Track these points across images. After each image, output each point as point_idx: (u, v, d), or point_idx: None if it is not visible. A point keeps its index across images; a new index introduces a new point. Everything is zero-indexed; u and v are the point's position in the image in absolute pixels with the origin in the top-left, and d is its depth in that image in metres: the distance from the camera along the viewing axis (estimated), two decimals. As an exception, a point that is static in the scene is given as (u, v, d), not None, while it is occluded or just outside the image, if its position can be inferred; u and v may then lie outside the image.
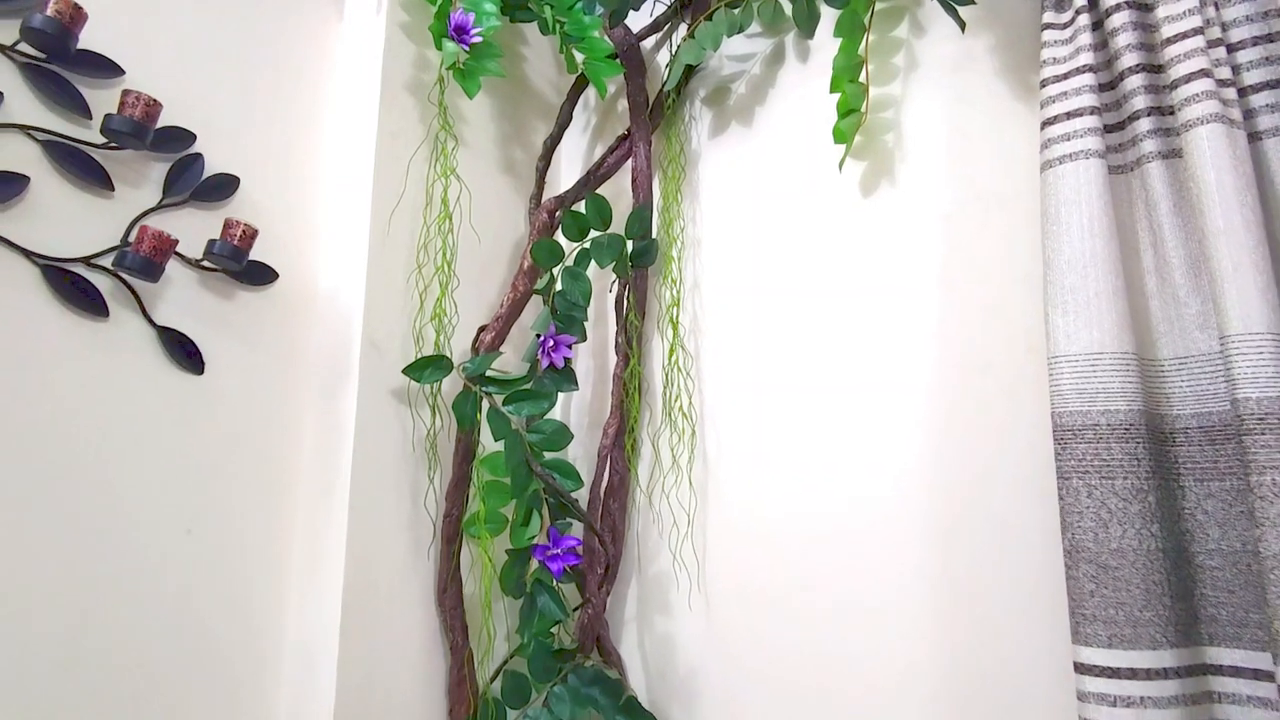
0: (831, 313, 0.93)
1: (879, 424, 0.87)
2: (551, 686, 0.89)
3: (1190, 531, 0.67)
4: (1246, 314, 0.61)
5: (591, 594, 0.95)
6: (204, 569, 0.77)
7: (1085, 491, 0.66)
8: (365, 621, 0.82)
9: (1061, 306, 0.69)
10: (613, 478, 1.00)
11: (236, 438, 0.81)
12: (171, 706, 0.73)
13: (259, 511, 0.82)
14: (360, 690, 0.81)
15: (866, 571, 0.85)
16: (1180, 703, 0.62)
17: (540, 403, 0.88)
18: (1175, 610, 0.64)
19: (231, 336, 0.82)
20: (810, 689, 0.86)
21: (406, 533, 0.88)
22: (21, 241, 0.68)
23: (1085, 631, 0.64)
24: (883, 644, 0.82)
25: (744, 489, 0.94)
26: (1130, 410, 0.66)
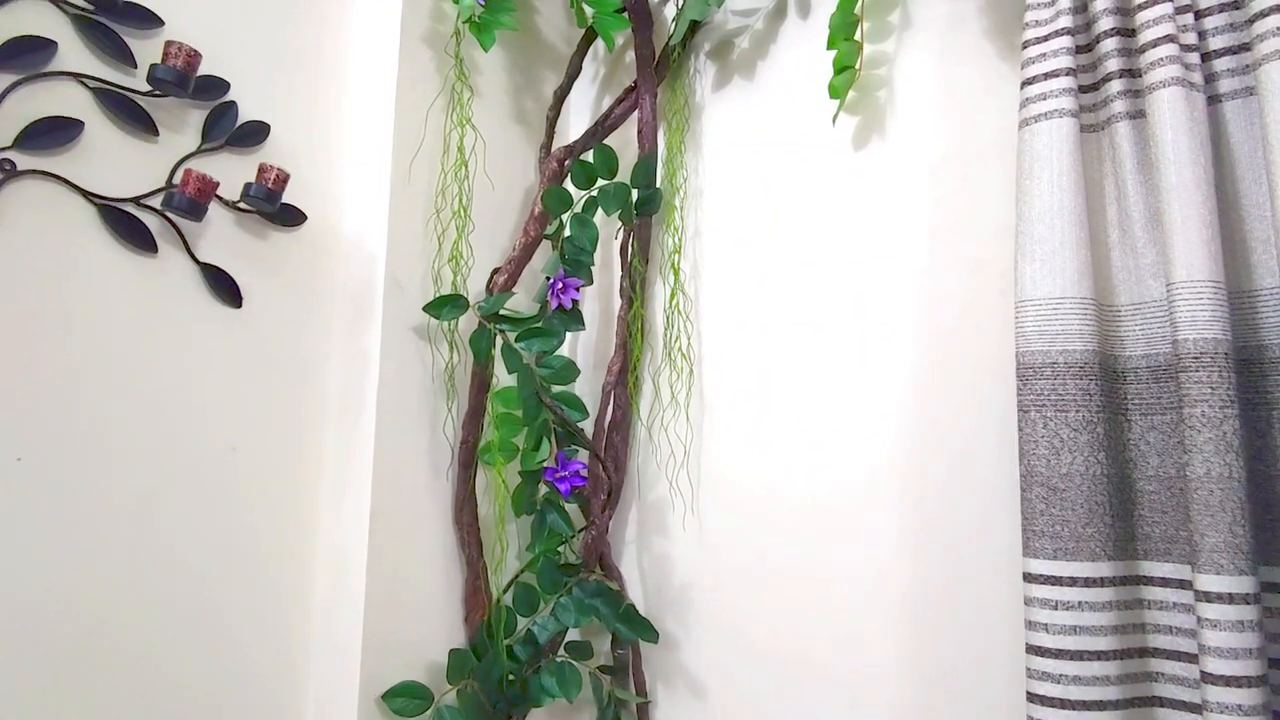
0: (824, 260, 0.99)
1: (866, 362, 0.94)
2: (558, 597, 0.99)
3: (1133, 460, 0.74)
4: (1190, 263, 0.67)
5: (595, 516, 1.04)
6: (246, 482, 0.86)
7: (1041, 423, 0.73)
8: (390, 535, 0.91)
9: (1029, 255, 0.75)
10: (616, 412, 1.08)
11: (272, 366, 0.88)
12: (219, 601, 0.83)
13: (294, 432, 0.90)
14: (387, 596, 0.90)
15: (845, 494, 0.93)
16: (1113, 607, 0.70)
17: (549, 340, 0.95)
18: (1114, 528, 0.72)
19: (266, 274, 0.89)
20: (791, 599, 0.95)
21: (427, 457, 0.96)
22: (79, 182, 0.74)
23: (1034, 545, 0.72)
24: (858, 558, 0.91)
25: (737, 424, 1.02)
26: (1085, 350, 0.73)
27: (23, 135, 0.70)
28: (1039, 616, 0.71)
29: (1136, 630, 0.72)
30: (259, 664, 0.86)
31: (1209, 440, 0.65)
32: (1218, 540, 0.64)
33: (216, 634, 0.82)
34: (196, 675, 0.80)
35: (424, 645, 0.94)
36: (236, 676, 0.84)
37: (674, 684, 1.02)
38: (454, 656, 0.91)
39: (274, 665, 0.87)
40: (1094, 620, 0.70)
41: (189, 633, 0.80)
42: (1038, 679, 0.70)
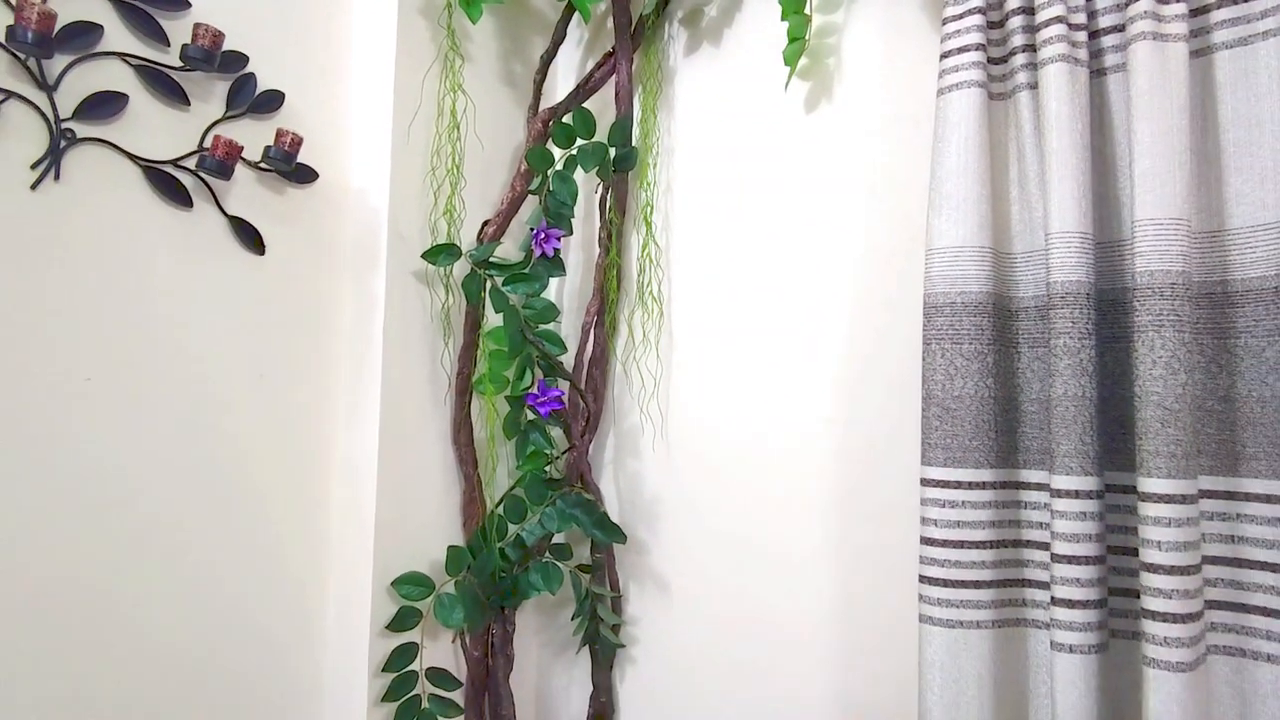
0: (779, 213, 1.11)
1: (811, 304, 1.07)
2: (544, 508, 1.14)
3: (1019, 385, 0.87)
4: (1063, 216, 0.79)
5: (576, 440, 1.19)
6: (273, 405, 1.01)
7: (940, 353, 0.86)
8: (397, 452, 1.06)
9: (938, 209, 0.87)
10: (595, 349, 1.22)
11: (292, 306, 1.03)
12: (253, 502, 0.99)
13: (313, 363, 1.04)
14: (394, 504, 1.06)
15: (789, 417, 1.07)
16: (992, 506, 0.85)
17: (533, 284, 1.08)
18: (998, 441, 0.86)
19: (284, 225, 1.02)
20: (742, 506, 1.10)
21: (427, 385, 1.11)
22: (126, 147, 0.87)
23: (929, 455, 0.86)
24: (797, 470, 1.06)
25: (701, 359, 1.16)
26: (980, 292, 0.85)
27: (80, 107, 0.83)
28: (930, 513, 0.85)
29: (1012, 525, 0.86)
30: (288, 555, 1.02)
31: (1068, 366, 0.78)
32: (1069, 448, 0.77)
33: (250, 527, 0.98)
34: (233, 561, 0.97)
35: (427, 546, 1.10)
36: (267, 563, 1.00)
37: (643, 581, 1.19)
38: (452, 552, 1.08)
39: (300, 557, 1.03)
40: (974, 516, 0.84)
41: (227, 524, 0.96)
42: (927, 563, 0.85)
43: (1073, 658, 0.76)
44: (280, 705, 1.00)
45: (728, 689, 1.10)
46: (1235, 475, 0.76)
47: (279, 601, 1.01)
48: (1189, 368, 0.74)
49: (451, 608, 1.05)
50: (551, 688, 1.25)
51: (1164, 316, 0.72)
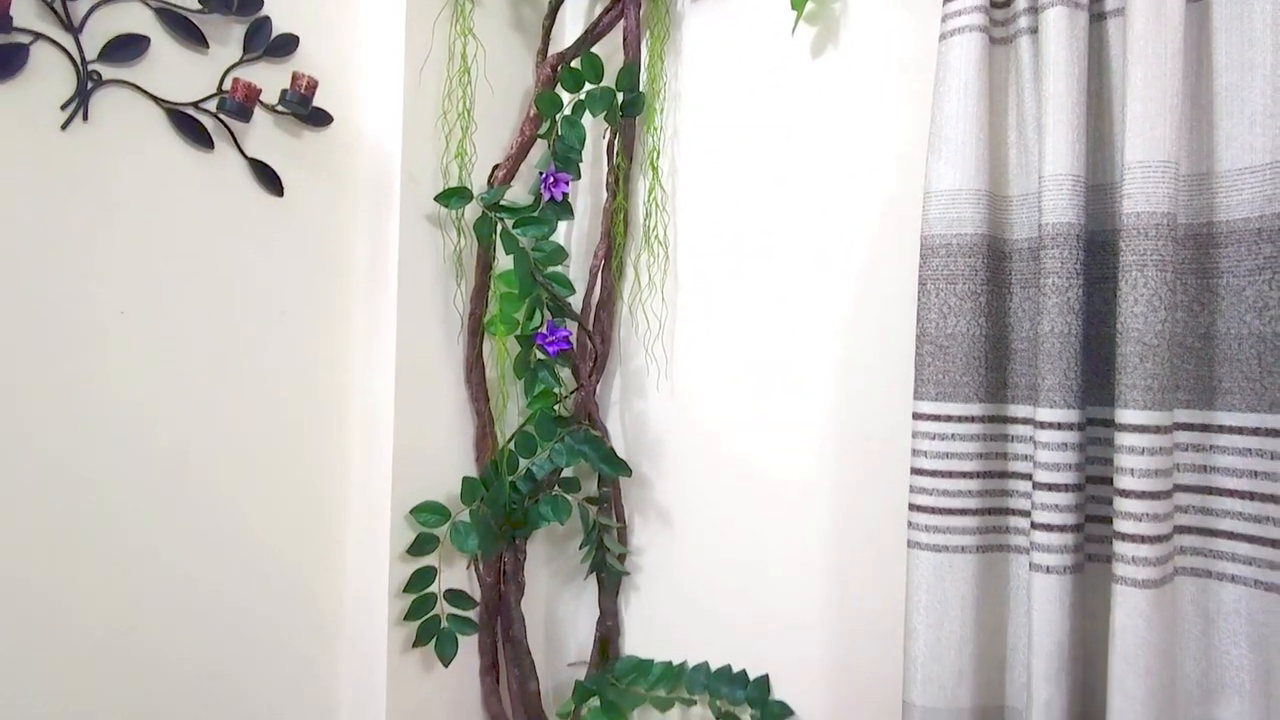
0: (784, 159, 1.13)
1: (813, 246, 1.11)
2: (553, 444, 1.19)
3: (1011, 324, 0.91)
4: (1057, 158, 0.81)
5: (584, 380, 1.23)
6: (294, 342, 1.05)
7: (934, 293, 0.89)
8: (412, 389, 1.11)
9: (937, 152, 0.90)
10: (602, 293, 1.25)
11: (310, 246, 1.06)
12: (277, 431, 1.04)
13: (331, 302, 1.09)
14: (411, 438, 1.11)
15: (791, 355, 1.11)
16: (980, 439, 0.89)
17: (542, 227, 1.11)
18: (987, 377, 0.89)
19: (301, 168, 1.05)
20: (743, 441, 1.15)
21: (441, 326, 1.15)
22: (149, 89, 0.90)
23: (921, 390, 0.90)
24: (799, 403, 1.11)
25: (704, 300, 1.20)
26: (975, 234, 0.88)
27: (105, 49, 0.86)
28: (921, 445, 0.89)
29: (998, 457, 0.91)
30: (310, 485, 1.08)
31: (1055, 304, 0.81)
32: (1054, 382, 0.81)
33: (274, 459, 1.03)
34: (256, 491, 1.02)
35: (442, 478, 1.15)
36: (289, 492, 1.06)
37: (647, 513, 1.24)
38: (466, 482, 1.13)
39: (323, 486, 1.09)
40: (963, 448, 0.88)
41: (253, 456, 1.01)
42: (916, 492, 0.89)
43: (1049, 578, 0.81)
44: (305, 627, 1.07)
45: (726, 613, 1.17)
46: (1210, 409, 0.80)
47: (302, 529, 1.07)
48: (1170, 306, 0.77)
49: (466, 535, 1.11)
50: (560, 613, 1.32)
51: (1147, 256, 0.76)
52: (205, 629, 0.97)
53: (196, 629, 0.96)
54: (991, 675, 0.90)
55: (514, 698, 1.20)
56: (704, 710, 1.17)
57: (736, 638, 1.16)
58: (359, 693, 1.10)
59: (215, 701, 0.98)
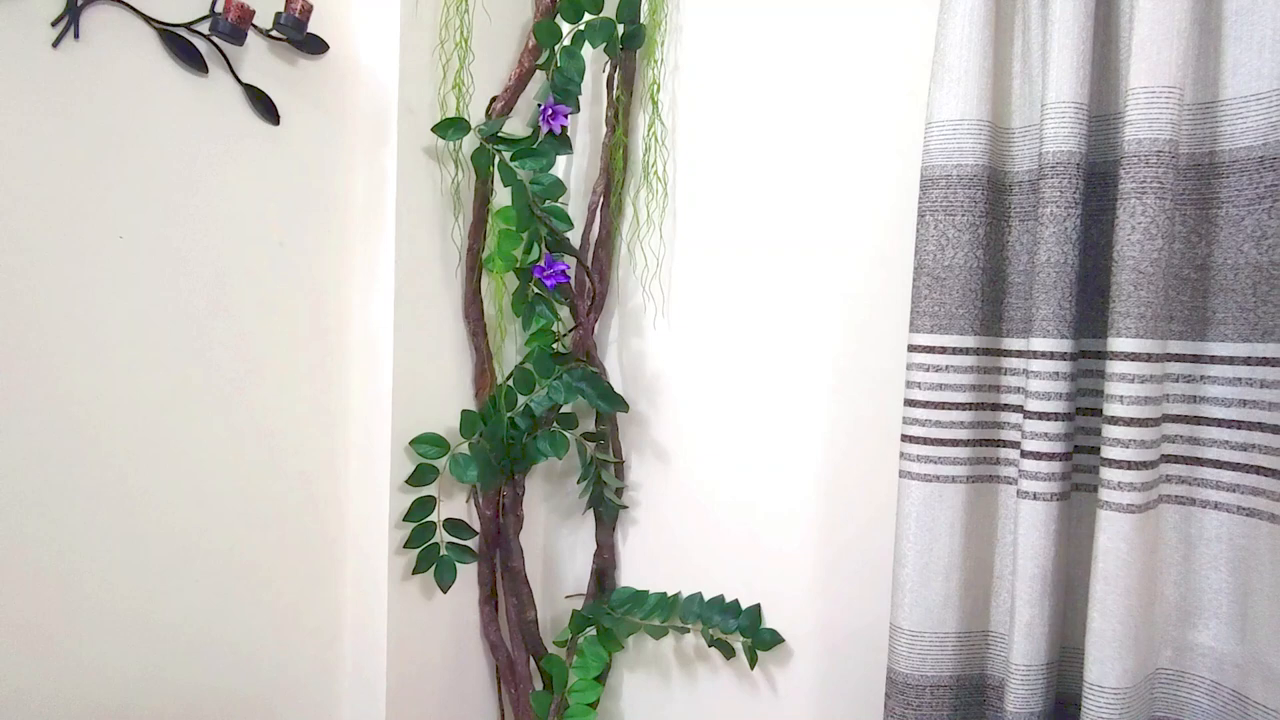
0: (785, 92, 1.12)
1: (813, 180, 1.10)
2: (551, 380, 1.20)
3: (1008, 257, 0.91)
4: (1060, 86, 0.80)
5: (582, 319, 1.24)
6: (293, 272, 1.05)
7: (933, 224, 0.89)
8: (411, 326, 1.11)
9: (939, 81, 0.89)
10: (600, 230, 1.25)
11: (307, 177, 1.05)
12: (276, 365, 1.05)
13: (330, 234, 1.08)
14: (410, 372, 1.12)
15: (790, 291, 1.12)
16: (974, 371, 0.90)
17: (540, 160, 1.10)
18: (983, 310, 0.90)
19: (297, 96, 1.04)
20: (739, 380, 1.16)
21: (439, 260, 1.15)
22: (141, 8, 0.88)
23: (917, 323, 0.90)
24: (796, 342, 1.11)
25: (703, 237, 1.19)
26: (976, 165, 0.88)
27: (94, -35, 0.84)
28: (915, 377, 0.90)
29: (990, 389, 0.91)
30: (313, 415, 1.09)
31: (1053, 234, 0.81)
32: (1048, 312, 0.81)
33: (275, 389, 1.04)
34: (257, 418, 1.04)
35: (441, 413, 1.16)
36: (290, 422, 1.07)
37: (643, 450, 1.26)
38: (465, 415, 1.14)
39: (324, 417, 1.10)
40: (956, 380, 0.89)
41: (254, 385, 1.02)
42: (909, 424, 0.91)
43: (1036, 504, 0.82)
44: (306, 555, 1.09)
45: (720, 547, 1.19)
46: (1203, 340, 0.81)
47: (301, 458, 1.08)
48: (1167, 235, 0.77)
49: (466, 466, 1.12)
50: (558, 547, 1.34)
51: (1147, 184, 0.75)
52: (209, 560, 0.99)
53: (201, 562, 0.98)
54: (977, 601, 0.92)
55: (512, 626, 1.23)
56: (697, 639, 1.21)
57: (729, 570, 1.18)
58: (361, 620, 1.13)
59: (219, 630, 1.01)
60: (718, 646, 1.13)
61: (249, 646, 1.03)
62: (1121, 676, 0.78)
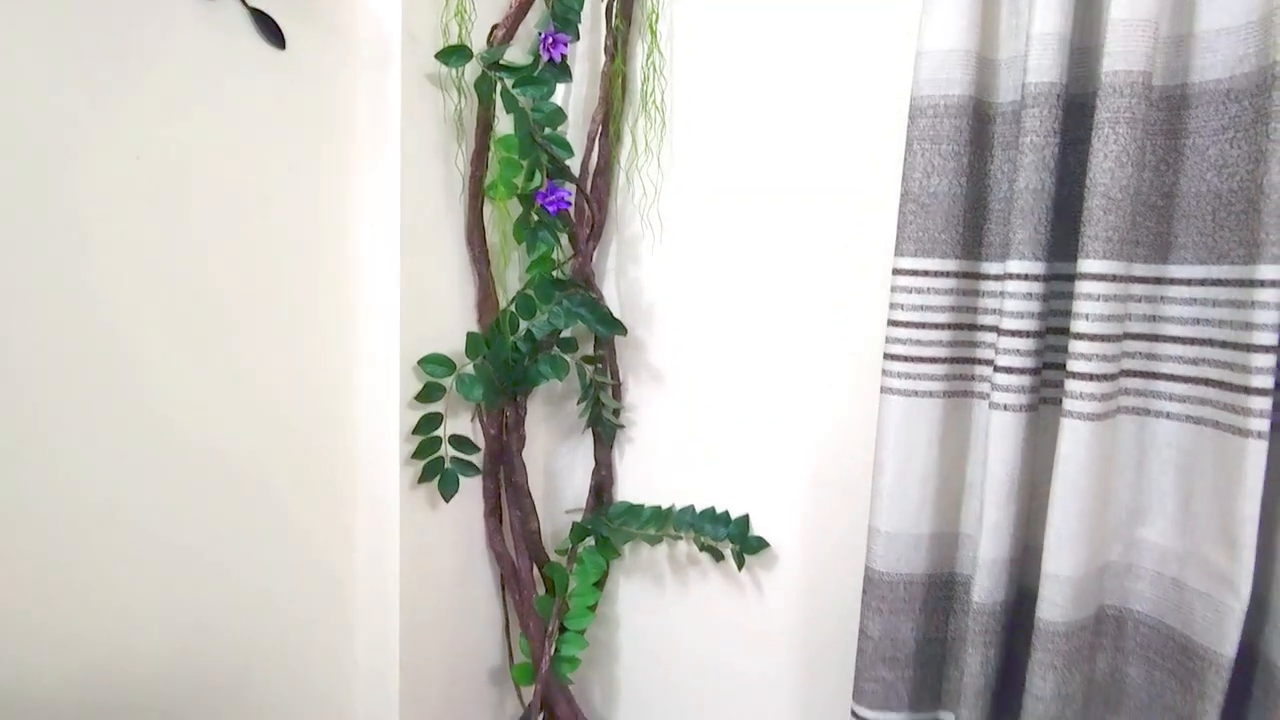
0: (782, 22, 1.14)
1: (809, 108, 1.13)
2: (551, 306, 1.25)
3: (989, 186, 0.96)
4: (1045, 17, 0.84)
5: (580, 246, 1.28)
6: (301, 199, 1.08)
7: (920, 153, 0.94)
8: (416, 250, 1.15)
9: (930, 12, 0.92)
10: (599, 159, 1.28)
11: (313, 103, 1.08)
12: (285, 285, 1.09)
13: (336, 160, 1.11)
14: (416, 295, 1.16)
15: (782, 221, 1.16)
16: (954, 293, 0.96)
17: (541, 87, 1.13)
18: (964, 236, 0.95)
19: (301, 22, 1.05)
20: (735, 305, 1.22)
21: (442, 187, 1.18)
22: (148, -72, 0.89)
23: (902, 247, 0.95)
24: (788, 261, 1.16)
25: (699, 168, 1.23)
26: (963, 95, 0.92)
27: (102, -117, 0.84)
28: (899, 299, 0.96)
29: (969, 311, 0.98)
30: (325, 334, 1.14)
31: (1032, 162, 0.86)
32: (1024, 236, 0.87)
33: (290, 311, 1.09)
34: (273, 336, 1.08)
35: (447, 335, 1.21)
36: (306, 343, 1.12)
37: (640, 374, 1.32)
38: (470, 337, 1.20)
39: (331, 334, 1.15)
40: (937, 301, 0.95)
41: (268, 305, 1.07)
42: (892, 343, 0.97)
43: (1007, 415, 0.90)
44: (320, 470, 1.16)
45: (711, 462, 1.27)
46: (1164, 263, 0.87)
47: (314, 376, 1.13)
48: (1138, 163, 0.82)
49: (471, 385, 1.18)
50: (558, 466, 1.42)
51: (1120, 113, 0.80)
52: (225, 477, 1.05)
53: (224, 477, 1.04)
54: (949, 506, 1.01)
55: (516, 537, 1.31)
56: (689, 546, 1.29)
57: (721, 484, 1.26)
58: (373, 530, 1.21)
59: (245, 540, 1.07)
60: (708, 551, 1.22)
61: (266, 557, 1.11)
62: (1075, 567, 0.87)
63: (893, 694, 1.02)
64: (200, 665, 1.05)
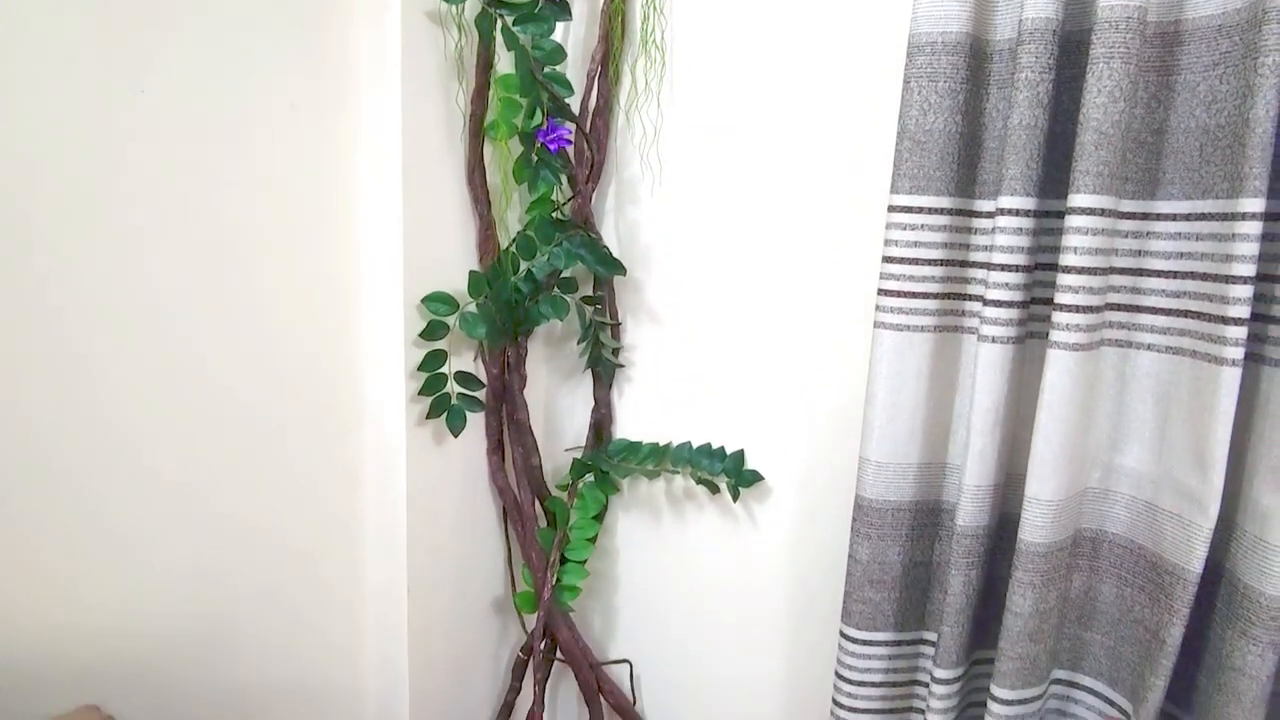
0: (780, -40, 1.14)
1: (810, 49, 1.14)
2: (552, 247, 1.27)
3: (985, 124, 0.98)
4: (1043, -46, 0.85)
5: (580, 187, 1.29)
6: (304, 134, 1.09)
7: (917, 90, 0.95)
8: (419, 190, 1.16)
9: (931, -52, 0.92)
10: (599, 99, 1.29)
11: (315, 39, 1.07)
12: (284, 227, 1.10)
13: (338, 98, 1.12)
14: (419, 239, 1.17)
15: (778, 156, 1.18)
16: (947, 230, 0.98)
17: (541, 25, 1.13)
18: (958, 173, 0.97)
19: (299, -47, 1.04)
20: (729, 247, 1.24)
21: (443, 126, 1.19)
22: None
23: (898, 184, 0.97)
24: (780, 211, 1.18)
25: (699, 108, 1.24)
26: (960, 33, 0.93)
27: None
28: (893, 235, 0.98)
29: (961, 248, 1.00)
30: (330, 272, 1.15)
31: (1026, 98, 0.88)
32: (1016, 171, 0.89)
33: (295, 249, 1.11)
34: (280, 274, 1.10)
35: (449, 274, 1.23)
36: (307, 279, 1.14)
37: (638, 314, 1.35)
38: (473, 276, 1.22)
39: (335, 273, 1.17)
40: (930, 238, 0.98)
41: (271, 240, 1.08)
42: (885, 278, 1.00)
43: (994, 347, 0.93)
44: (328, 408, 1.19)
45: (708, 400, 1.30)
46: (1152, 199, 0.90)
47: (318, 314, 1.15)
48: (1130, 99, 0.84)
49: (474, 323, 1.21)
50: (559, 405, 1.45)
51: (1115, 49, 0.81)
52: (236, 414, 1.08)
53: (231, 417, 1.07)
54: (937, 437, 1.05)
55: (518, 472, 1.35)
56: (686, 481, 1.34)
57: (717, 421, 1.30)
58: (381, 466, 1.24)
59: (253, 480, 1.11)
60: (704, 485, 1.26)
61: (273, 496, 1.14)
62: (1056, 490, 0.91)
63: (879, 614, 1.07)
64: (208, 603, 1.09)
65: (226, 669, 1.12)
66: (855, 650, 1.08)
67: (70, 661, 0.95)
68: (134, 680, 1.02)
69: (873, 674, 1.09)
